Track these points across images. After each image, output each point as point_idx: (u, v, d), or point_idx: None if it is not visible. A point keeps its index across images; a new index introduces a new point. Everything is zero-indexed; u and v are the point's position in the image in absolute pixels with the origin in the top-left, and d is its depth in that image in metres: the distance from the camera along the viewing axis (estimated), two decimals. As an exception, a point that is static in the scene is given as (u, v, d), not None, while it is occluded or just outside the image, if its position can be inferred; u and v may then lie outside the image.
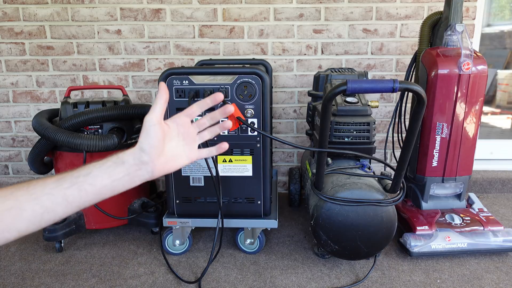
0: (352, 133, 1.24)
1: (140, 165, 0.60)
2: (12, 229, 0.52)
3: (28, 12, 1.80)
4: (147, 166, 0.60)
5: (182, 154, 0.66)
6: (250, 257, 1.34)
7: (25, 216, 0.53)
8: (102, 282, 1.20)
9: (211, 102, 0.69)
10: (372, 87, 0.89)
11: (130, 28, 1.82)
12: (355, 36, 1.82)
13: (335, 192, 1.11)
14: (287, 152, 1.98)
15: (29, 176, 2.03)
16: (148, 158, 0.60)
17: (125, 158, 0.59)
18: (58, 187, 0.55)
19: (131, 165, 0.59)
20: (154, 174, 0.61)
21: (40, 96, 1.91)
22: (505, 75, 2.32)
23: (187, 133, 0.67)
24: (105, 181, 0.57)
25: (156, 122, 0.60)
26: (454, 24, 1.31)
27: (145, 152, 0.60)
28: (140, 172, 0.60)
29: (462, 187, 1.44)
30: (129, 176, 0.59)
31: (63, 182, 0.55)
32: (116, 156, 0.59)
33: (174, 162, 0.64)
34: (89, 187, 0.56)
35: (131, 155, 0.60)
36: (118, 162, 0.59)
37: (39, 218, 0.54)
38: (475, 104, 1.32)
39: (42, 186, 0.55)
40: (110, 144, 1.34)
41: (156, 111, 0.61)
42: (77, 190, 0.55)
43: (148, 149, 0.60)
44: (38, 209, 0.53)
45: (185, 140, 0.67)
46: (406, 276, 1.21)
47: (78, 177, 0.56)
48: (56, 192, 0.54)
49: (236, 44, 1.83)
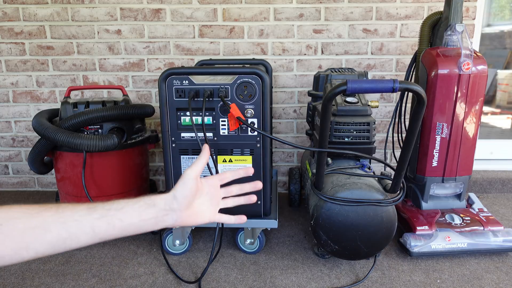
0: (352, 133, 1.24)
1: (169, 211, 0.63)
2: (31, 249, 0.52)
3: (28, 12, 1.80)
4: (174, 214, 0.63)
5: (205, 213, 0.70)
6: (250, 257, 1.34)
7: (48, 238, 0.52)
8: (102, 282, 1.20)
9: (244, 173, 0.76)
10: (372, 87, 0.89)
11: (130, 28, 1.82)
12: (355, 36, 1.82)
13: (335, 192, 1.11)
14: (287, 152, 1.98)
15: (29, 176, 2.03)
16: (178, 206, 0.63)
17: (157, 201, 0.62)
18: (88, 216, 0.55)
19: (161, 209, 0.62)
20: (176, 223, 0.64)
21: (40, 96, 1.91)
22: (505, 75, 2.32)
23: (215, 195, 0.73)
24: (134, 220, 0.59)
25: (195, 176, 0.65)
26: (454, 24, 1.31)
27: (177, 201, 0.63)
28: (166, 217, 0.63)
29: (462, 187, 1.44)
30: (156, 220, 0.62)
31: (93, 211, 0.56)
32: (149, 198, 0.62)
33: (196, 217, 0.68)
34: (118, 222, 0.57)
35: (163, 200, 0.63)
36: (150, 203, 0.61)
37: (61, 243, 0.54)
38: (475, 104, 1.32)
39: (72, 212, 0.55)
40: (110, 144, 1.34)
41: (198, 167, 0.67)
42: (106, 223, 0.56)
43: (180, 199, 0.64)
44: (63, 233, 0.53)
45: (211, 201, 0.72)
46: (406, 276, 1.21)
47: (109, 210, 0.57)
48: (85, 220, 0.55)
49: (236, 44, 1.83)
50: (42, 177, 2.04)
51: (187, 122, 1.24)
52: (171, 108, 1.22)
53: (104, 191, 1.47)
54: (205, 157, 0.69)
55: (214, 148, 1.25)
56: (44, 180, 2.04)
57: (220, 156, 1.25)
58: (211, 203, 0.72)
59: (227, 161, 1.26)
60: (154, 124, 1.94)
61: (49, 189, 2.06)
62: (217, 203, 0.73)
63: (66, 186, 1.49)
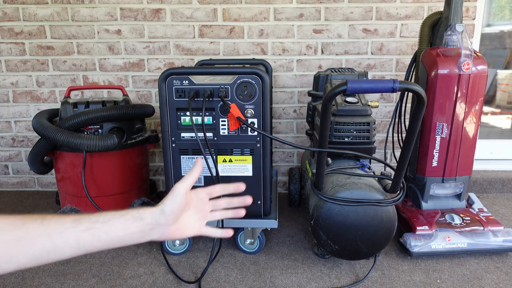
0: (352, 133, 1.24)
1: (155, 225, 0.61)
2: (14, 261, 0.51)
3: (28, 12, 1.80)
4: (160, 228, 0.62)
5: (192, 226, 0.69)
6: (250, 257, 1.34)
7: (32, 250, 0.51)
8: (102, 282, 1.20)
9: (233, 190, 0.74)
10: (372, 87, 0.89)
11: (130, 28, 1.82)
12: (355, 36, 1.82)
13: (335, 192, 1.11)
14: (287, 152, 1.98)
15: (29, 176, 2.03)
16: (165, 221, 0.62)
17: (144, 215, 0.61)
18: (73, 228, 0.54)
19: (147, 223, 0.61)
20: (163, 237, 0.63)
21: (40, 96, 1.91)
22: (505, 75, 2.32)
23: (202, 208, 0.71)
24: (120, 233, 0.58)
25: (185, 191, 0.64)
26: (454, 24, 1.31)
27: (165, 215, 0.62)
28: (153, 232, 0.62)
29: (462, 187, 1.44)
30: (142, 234, 0.61)
31: (79, 224, 0.55)
32: (136, 211, 0.61)
33: (183, 231, 0.67)
34: (103, 235, 0.56)
35: (150, 214, 0.61)
36: (137, 217, 0.60)
37: (44, 255, 0.52)
38: (475, 104, 1.32)
39: (57, 223, 0.54)
40: (110, 144, 1.34)
41: (189, 182, 0.65)
42: (91, 235, 0.55)
43: (168, 213, 0.62)
44: (48, 245, 0.52)
45: (198, 214, 0.70)
46: (406, 276, 1.21)
47: (96, 223, 0.56)
48: (70, 233, 0.54)
49: (236, 44, 1.83)
50: (42, 177, 2.04)
51: (187, 122, 1.24)
52: (171, 108, 1.22)
53: (104, 191, 1.47)
54: (197, 171, 0.67)
55: (214, 148, 1.25)
56: (44, 180, 2.04)
57: (220, 156, 1.25)
58: (199, 217, 0.71)
59: (227, 161, 1.26)
60: (154, 124, 1.94)
61: (49, 189, 2.06)
62: (204, 216, 0.72)
63: (66, 186, 1.49)
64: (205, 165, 1.23)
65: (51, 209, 1.75)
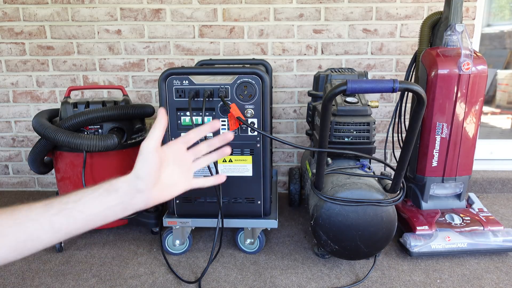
0: (352, 133, 1.25)
1: (134, 193, 0.56)
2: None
3: (28, 12, 1.80)
4: (142, 195, 0.57)
5: (178, 182, 0.63)
6: (250, 257, 1.34)
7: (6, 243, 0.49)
8: (102, 282, 1.20)
9: (209, 129, 0.66)
10: (372, 87, 0.89)
11: (130, 28, 1.82)
12: (355, 36, 1.82)
13: (335, 192, 1.12)
14: (287, 152, 1.98)
15: (29, 176, 2.03)
16: (144, 186, 0.56)
17: (118, 185, 0.56)
18: (45, 213, 0.51)
19: (125, 193, 0.56)
20: (148, 203, 0.58)
21: (40, 96, 1.91)
22: (505, 75, 2.32)
23: (183, 160, 0.65)
24: (96, 209, 0.54)
25: (154, 148, 0.57)
26: (454, 24, 1.31)
27: (141, 180, 0.56)
28: (134, 200, 0.56)
29: (462, 187, 1.44)
30: (123, 205, 0.56)
31: (50, 208, 0.52)
32: (109, 183, 0.56)
33: (169, 190, 0.62)
34: (78, 214, 0.53)
35: (125, 183, 0.56)
36: (111, 189, 0.55)
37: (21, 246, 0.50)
38: (475, 104, 1.32)
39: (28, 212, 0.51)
40: (110, 144, 1.34)
41: (155, 137, 0.58)
42: (65, 217, 0.52)
43: (144, 177, 0.56)
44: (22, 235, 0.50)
45: (181, 168, 0.64)
46: (406, 276, 1.21)
47: (67, 204, 0.53)
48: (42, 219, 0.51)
49: (236, 44, 1.83)
50: (42, 177, 2.04)
51: (187, 122, 1.24)
52: (171, 108, 1.22)
53: (104, 191, 1.47)
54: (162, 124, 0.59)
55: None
56: (44, 180, 2.04)
57: (220, 156, 1.25)
58: (182, 170, 0.64)
59: (227, 161, 1.26)
60: (154, 124, 1.93)
61: (49, 189, 2.06)
62: (188, 169, 0.65)
63: (66, 186, 1.49)
64: (205, 165, 1.23)
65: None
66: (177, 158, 0.64)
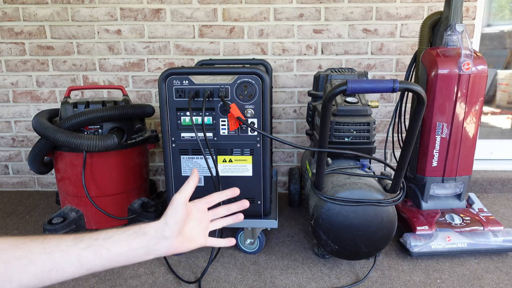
0: (352, 133, 1.25)
1: (160, 238, 0.61)
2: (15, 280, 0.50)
3: (28, 12, 1.80)
4: (166, 242, 0.62)
5: (196, 237, 0.69)
6: (250, 257, 1.34)
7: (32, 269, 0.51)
8: (102, 282, 1.20)
9: (230, 195, 0.75)
10: (372, 87, 0.89)
11: (130, 28, 1.82)
12: (355, 36, 1.82)
13: (335, 192, 1.11)
14: (287, 152, 1.98)
15: (29, 176, 2.03)
16: (170, 233, 0.62)
17: (147, 230, 0.60)
18: (74, 246, 0.54)
19: (152, 237, 0.60)
20: (169, 250, 0.63)
21: (40, 96, 1.91)
22: (505, 75, 2.32)
23: (203, 218, 0.72)
24: (122, 249, 0.57)
25: (184, 202, 0.64)
26: (454, 24, 1.31)
27: (169, 227, 0.62)
28: (158, 246, 0.61)
29: (462, 187, 1.44)
30: (147, 249, 0.60)
31: (80, 241, 0.55)
32: (139, 226, 0.60)
33: (188, 243, 0.67)
34: (105, 252, 0.56)
35: (153, 228, 0.61)
36: (140, 232, 0.60)
37: (46, 274, 0.52)
38: (475, 104, 1.32)
39: (58, 242, 0.54)
40: (110, 144, 1.34)
41: (187, 192, 0.66)
42: (93, 253, 0.55)
43: (172, 225, 0.62)
44: (49, 264, 0.52)
45: (200, 225, 0.71)
46: (406, 276, 1.21)
47: (97, 240, 0.56)
48: (71, 251, 0.53)
49: (236, 44, 1.83)
50: (42, 177, 2.04)
51: (187, 122, 1.24)
52: (171, 108, 1.22)
53: (104, 191, 1.47)
54: (194, 182, 0.68)
55: (214, 148, 1.25)
56: (44, 180, 2.05)
57: (220, 156, 1.25)
58: (201, 227, 0.71)
59: (227, 161, 1.26)
60: (154, 124, 1.94)
61: (49, 189, 2.06)
62: (206, 227, 0.73)
63: (66, 186, 1.49)
64: (205, 165, 1.23)
65: (51, 209, 1.75)
66: (199, 216, 0.71)
